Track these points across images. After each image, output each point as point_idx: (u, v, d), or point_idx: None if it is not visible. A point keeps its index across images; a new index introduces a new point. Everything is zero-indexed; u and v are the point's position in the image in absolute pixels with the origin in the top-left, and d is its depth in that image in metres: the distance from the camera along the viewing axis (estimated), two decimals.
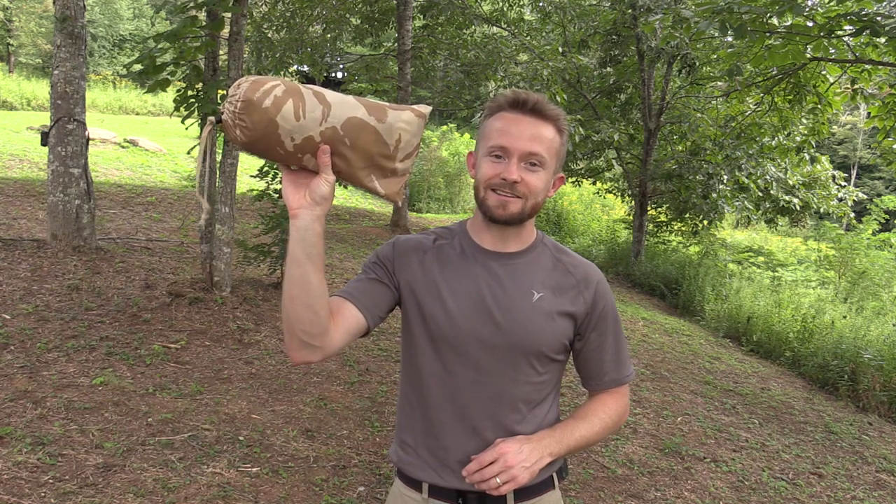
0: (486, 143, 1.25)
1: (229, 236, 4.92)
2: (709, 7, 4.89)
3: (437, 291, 1.28)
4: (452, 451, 1.28)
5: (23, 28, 27.43)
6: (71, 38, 5.18)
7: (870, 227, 10.75)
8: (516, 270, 1.29)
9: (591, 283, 1.32)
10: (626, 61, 10.90)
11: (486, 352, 1.26)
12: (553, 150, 1.24)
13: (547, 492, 1.34)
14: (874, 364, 5.64)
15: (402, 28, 9.85)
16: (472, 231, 1.34)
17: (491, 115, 1.27)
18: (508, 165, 1.21)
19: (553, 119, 1.24)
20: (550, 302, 1.28)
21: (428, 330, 1.28)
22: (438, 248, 1.33)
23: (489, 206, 1.24)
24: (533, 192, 1.23)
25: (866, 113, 8.92)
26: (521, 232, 1.31)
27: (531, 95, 1.23)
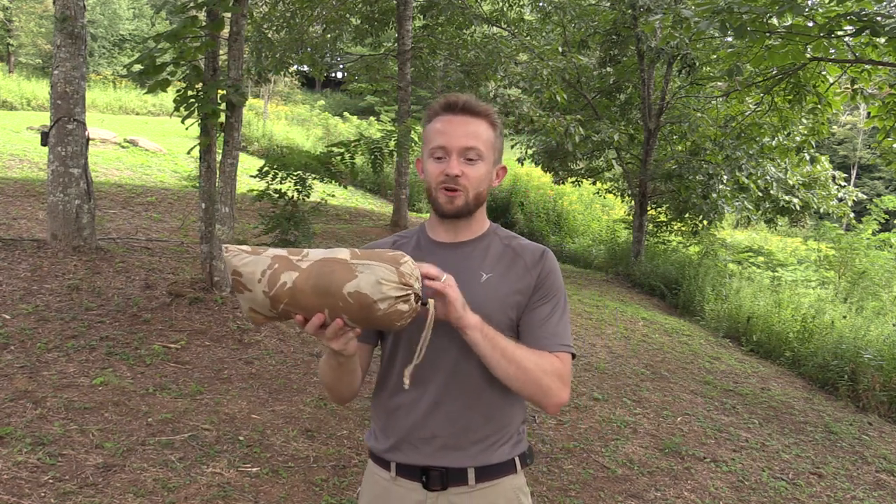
0: (428, 146, 1.36)
1: (229, 236, 4.92)
2: (709, 7, 4.89)
3: None
4: (417, 430, 1.36)
5: (23, 28, 27.42)
6: (71, 38, 5.18)
7: (870, 227, 10.74)
8: (466, 257, 1.39)
9: (538, 265, 1.39)
10: (626, 61, 10.89)
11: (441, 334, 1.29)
12: (489, 143, 1.35)
13: (508, 475, 1.38)
14: (874, 364, 5.64)
15: (402, 28, 9.85)
16: (429, 228, 1.46)
17: (429, 121, 1.38)
18: (449, 162, 1.32)
19: (484, 115, 1.35)
20: (498, 281, 1.37)
21: None
22: (399, 248, 1.44)
23: (439, 203, 1.35)
24: (474, 183, 1.34)
25: (866, 113, 8.92)
26: (472, 223, 1.41)
27: (461, 96, 1.34)
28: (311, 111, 26.80)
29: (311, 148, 18.21)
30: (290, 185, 5.39)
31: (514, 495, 1.39)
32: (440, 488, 1.35)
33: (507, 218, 16.19)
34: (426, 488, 1.35)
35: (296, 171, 5.39)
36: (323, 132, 22.78)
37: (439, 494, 1.35)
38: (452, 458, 1.35)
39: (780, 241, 16.14)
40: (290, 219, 5.36)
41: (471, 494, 1.35)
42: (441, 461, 1.35)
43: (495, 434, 1.37)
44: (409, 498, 1.37)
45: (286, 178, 5.39)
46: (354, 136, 18.85)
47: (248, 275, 1.17)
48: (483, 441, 1.36)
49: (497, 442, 1.38)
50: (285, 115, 25.76)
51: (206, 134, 4.98)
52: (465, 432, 1.35)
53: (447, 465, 1.35)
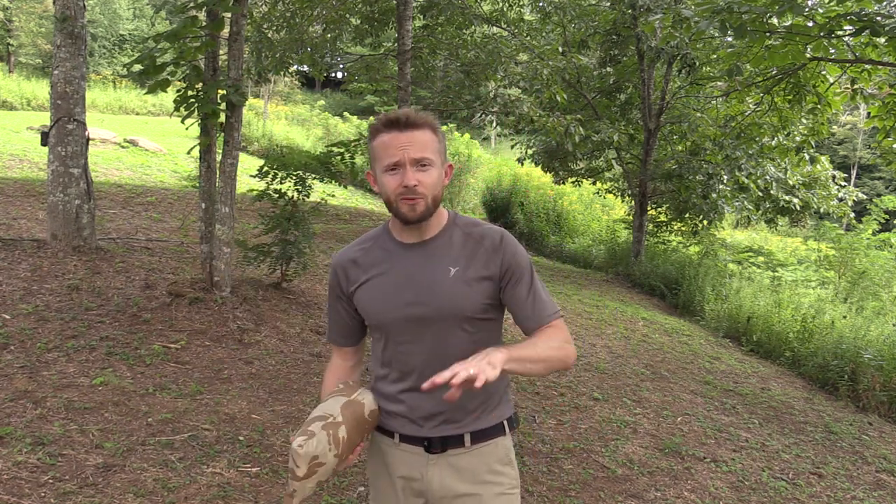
0: (381, 163, 1.45)
1: (229, 236, 4.92)
2: (709, 7, 4.89)
3: (372, 289, 1.53)
4: (417, 410, 1.52)
5: (23, 28, 27.42)
6: (71, 38, 5.18)
7: (870, 227, 10.73)
8: (433, 255, 1.51)
9: (499, 247, 1.51)
10: (626, 61, 10.89)
11: (421, 327, 1.48)
12: (435, 149, 1.45)
13: (499, 436, 1.56)
14: (874, 364, 5.64)
15: (402, 28, 9.85)
16: (394, 230, 1.56)
17: (374, 138, 1.47)
18: (405, 174, 1.41)
19: (426, 124, 1.44)
20: (465, 272, 1.49)
21: (372, 320, 1.55)
22: (365, 254, 1.57)
23: (402, 213, 1.45)
24: (430, 188, 1.44)
25: (866, 113, 8.92)
26: (432, 222, 1.51)
27: (400, 112, 1.44)
28: (311, 111, 26.79)
29: (311, 148, 18.22)
30: (290, 185, 5.39)
31: (504, 453, 1.57)
32: (440, 451, 1.52)
33: (507, 218, 16.19)
34: (427, 452, 1.52)
35: (296, 171, 5.39)
36: (323, 132, 22.78)
37: (439, 456, 1.52)
38: (450, 429, 1.52)
39: (780, 241, 16.14)
40: (290, 219, 5.36)
41: (468, 454, 1.52)
42: (440, 433, 1.52)
43: (485, 403, 1.54)
44: (412, 460, 1.54)
45: (286, 178, 5.39)
46: (354, 136, 18.87)
47: (322, 453, 1.39)
48: (476, 411, 1.53)
49: (487, 409, 1.54)
50: (285, 115, 25.76)
51: (206, 134, 4.98)
52: (461, 408, 1.50)
53: (446, 435, 1.52)
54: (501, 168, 18.54)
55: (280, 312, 5.11)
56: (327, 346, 4.77)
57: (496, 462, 1.55)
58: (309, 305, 5.47)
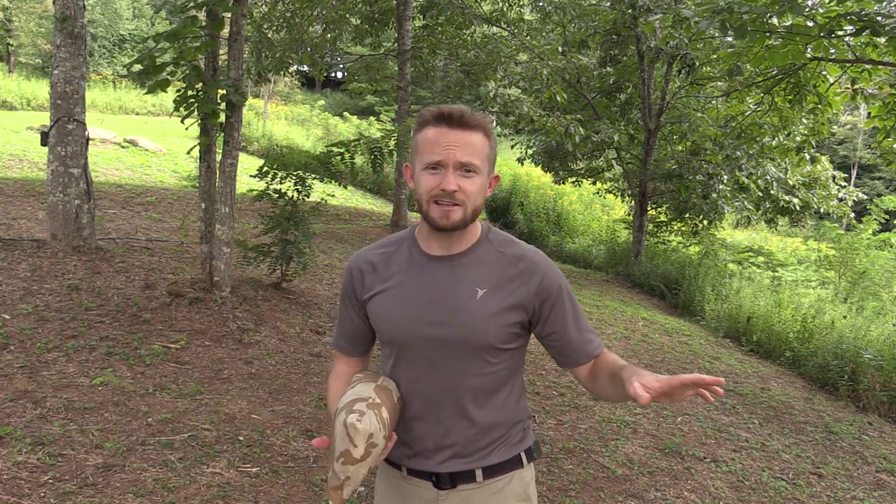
0: (422, 158, 1.31)
1: (229, 236, 4.92)
2: (709, 7, 4.89)
3: (388, 300, 1.40)
4: (424, 441, 1.40)
5: (23, 28, 27.42)
6: (71, 38, 5.17)
7: (870, 227, 10.74)
8: (460, 271, 1.37)
9: (536, 272, 1.37)
10: (626, 61, 10.89)
11: (437, 350, 1.35)
12: (484, 156, 1.32)
13: (515, 469, 1.42)
14: (874, 364, 5.64)
15: (402, 28, 9.85)
16: (420, 238, 1.42)
17: (420, 130, 1.34)
18: (445, 176, 1.28)
19: (479, 126, 1.31)
20: (493, 296, 1.35)
21: (384, 335, 1.42)
22: (386, 260, 1.43)
23: (433, 217, 1.31)
24: (471, 197, 1.31)
25: (866, 113, 8.92)
26: (465, 234, 1.37)
27: (454, 108, 1.30)
28: (311, 111, 26.80)
29: (311, 148, 18.22)
30: (289, 185, 5.39)
31: (522, 489, 1.44)
32: (450, 487, 1.40)
33: (507, 218, 16.19)
34: (437, 487, 1.40)
35: (296, 171, 5.39)
36: (323, 132, 22.78)
37: (450, 492, 1.40)
38: (460, 464, 1.39)
39: (780, 241, 16.14)
40: (289, 219, 5.36)
41: (480, 489, 1.40)
42: (449, 468, 1.39)
43: (499, 439, 1.41)
44: (421, 495, 1.42)
45: (286, 178, 5.39)
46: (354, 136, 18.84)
47: (375, 432, 1.26)
48: (488, 447, 1.40)
49: (501, 444, 1.41)
50: (285, 115, 25.76)
51: (206, 134, 4.98)
52: (471, 443, 1.39)
53: (455, 471, 1.39)
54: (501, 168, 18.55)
55: (280, 312, 5.11)
56: (327, 347, 4.76)
57: (512, 498, 1.42)
58: (309, 305, 5.46)
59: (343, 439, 1.25)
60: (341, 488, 1.28)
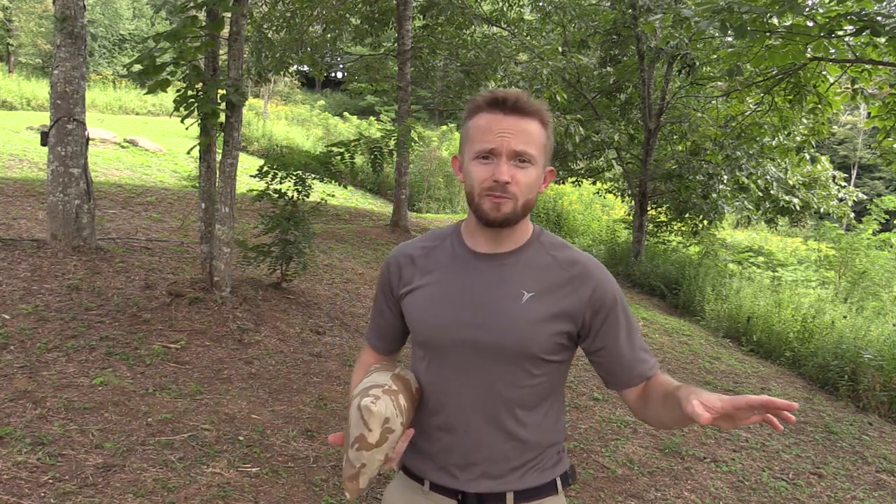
0: (472, 147, 1.22)
1: (229, 236, 4.92)
2: (709, 7, 4.89)
3: (426, 298, 1.30)
4: (450, 454, 1.28)
5: (23, 28, 27.42)
6: (71, 37, 5.17)
7: (870, 227, 10.75)
8: (506, 272, 1.27)
9: (589, 279, 1.26)
10: (626, 61, 10.89)
11: (477, 356, 1.24)
12: (540, 145, 1.22)
13: (549, 496, 1.31)
14: (874, 364, 5.64)
15: (402, 28, 9.85)
16: (466, 233, 1.32)
17: (472, 117, 1.24)
18: (498, 166, 1.19)
19: (536, 113, 1.22)
20: (541, 302, 1.24)
21: (419, 335, 1.32)
22: (427, 254, 1.34)
23: (484, 210, 1.21)
24: (524, 190, 1.21)
25: (866, 113, 8.92)
26: (515, 232, 1.28)
27: (510, 93, 1.20)
28: (311, 111, 26.80)
29: (311, 148, 18.22)
30: (289, 185, 5.39)
31: None
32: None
33: None
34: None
35: (296, 171, 5.39)
36: (323, 132, 22.78)
37: None
38: (490, 485, 1.28)
39: (780, 241, 16.14)
40: (289, 219, 5.36)
41: None
42: (478, 488, 1.28)
43: (534, 460, 1.30)
44: None
45: (286, 178, 5.39)
46: (354, 136, 18.81)
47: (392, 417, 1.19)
48: (522, 468, 1.29)
49: (536, 467, 1.30)
50: (285, 115, 25.76)
51: (205, 134, 4.98)
52: (505, 461, 1.27)
53: (484, 492, 1.28)
54: None
55: (280, 312, 5.11)
56: (327, 346, 4.76)
57: None
58: (309, 305, 5.47)
59: (358, 423, 1.17)
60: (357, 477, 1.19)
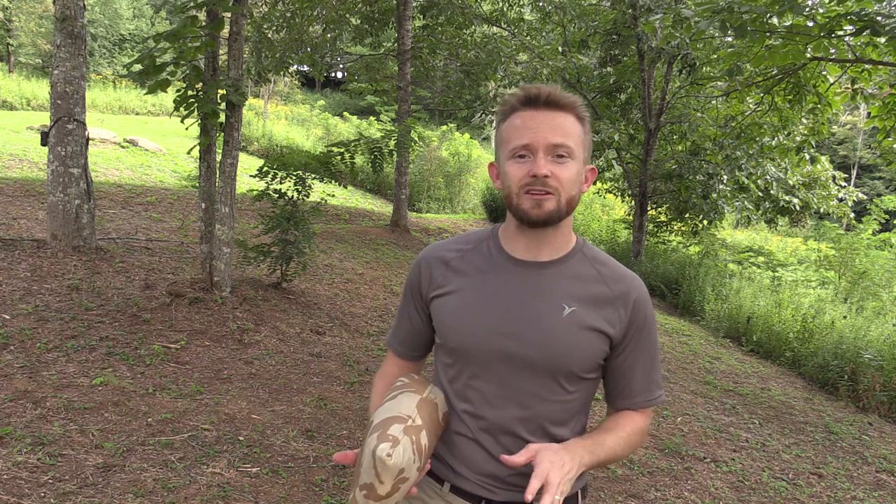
0: (507, 147, 1.17)
1: (229, 236, 4.92)
2: (709, 7, 4.89)
3: (459, 303, 1.23)
4: (472, 465, 1.24)
5: (23, 28, 27.43)
6: (71, 37, 5.17)
7: (870, 227, 10.75)
8: (547, 282, 1.20)
9: (630, 299, 1.22)
10: (626, 61, 10.90)
11: (511, 368, 1.19)
12: (578, 139, 1.17)
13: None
14: (874, 364, 5.64)
15: (402, 28, 9.85)
16: (504, 238, 1.26)
17: (505, 119, 1.20)
18: (535, 161, 1.13)
19: (571, 107, 1.17)
20: (583, 317, 1.18)
21: (449, 343, 1.24)
22: (462, 257, 1.27)
23: (524, 209, 1.15)
24: (565, 185, 1.14)
25: (866, 113, 8.92)
26: (557, 237, 1.22)
27: (542, 88, 1.16)
28: (311, 111, 26.81)
29: (311, 148, 18.22)
30: (289, 185, 5.40)
31: None
32: None
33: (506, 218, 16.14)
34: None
35: (295, 171, 5.39)
36: (323, 132, 22.78)
37: None
38: (516, 495, 1.23)
39: (780, 241, 16.14)
40: (289, 219, 5.36)
41: None
42: (503, 497, 1.23)
43: None
44: None
45: (286, 178, 5.39)
46: (354, 136, 18.86)
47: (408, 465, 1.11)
48: None
49: None
50: (285, 115, 25.78)
51: (205, 134, 4.98)
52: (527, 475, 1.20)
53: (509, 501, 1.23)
54: None
55: (280, 312, 5.11)
56: (327, 346, 4.76)
57: None
58: (309, 305, 5.47)
59: (369, 471, 1.10)
60: None
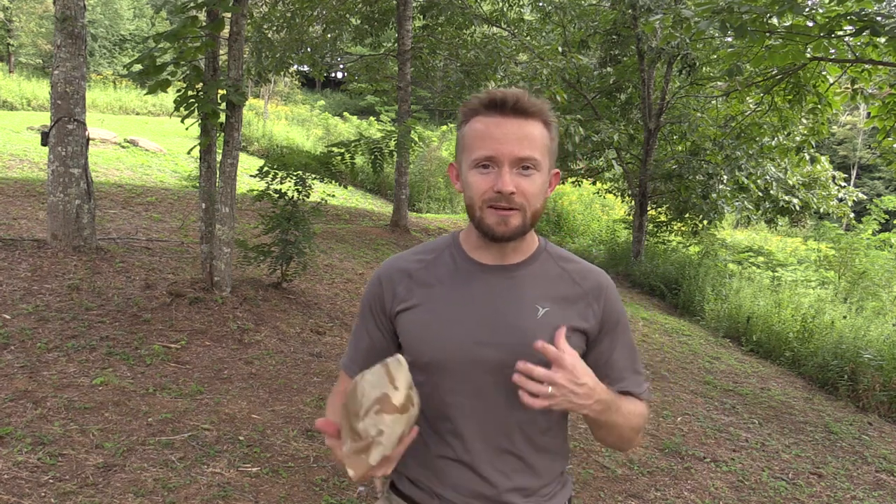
0: (470, 155, 1.12)
1: (229, 236, 4.92)
2: (709, 7, 4.89)
3: (428, 316, 1.17)
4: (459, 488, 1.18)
5: (23, 28, 27.43)
6: (71, 38, 5.17)
7: (870, 227, 10.75)
8: (517, 284, 1.17)
9: (601, 294, 1.20)
10: (626, 61, 10.90)
11: (487, 376, 1.14)
12: (545, 148, 1.12)
13: None
14: (874, 364, 5.64)
15: (402, 28, 9.85)
16: (467, 245, 1.21)
17: (468, 121, 1.14)
18: (500, 175, 1.08)
19: (538, 114, 1.12)
20: (557, 316, 1.15)
21: (422, 358, 1.17)
22: (425, 268, 1.21)
23: (488, 225, 1.11)
24: (531, 199, 1.11)
25: (866, 113, 8.93)
26: (522, 243, 1.19)
27: (509, 93, 1.10)
28: (311, 111, 26.82)
29: (311, 148, 18.22)
30: (290, 185, 5.40)
31: None
32: None
33: None
34: None
35: (296, 171, 5.40)
36: (323, 132, 22.79)
37: None
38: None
39: (780, 241, 16.14)
40: (290, 219, 5.36)
41: None
42: None
43: (546, 486, 1.23)
44: None
45: (286, 178, 5.40)
46: (354, 136, 18.85)
47: (412, 387, 1.03)
48: (535, 494, 1.21)
49: (548, 494, 1.23)
50: (285, 115, 25.78)
51: (206, 134, 4.98)
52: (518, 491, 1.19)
53: None
54: None
55: (280, 312, 5.11)
56: (327, 346, 4.77)
57: None
58: (309, 305, 5.47)
59: (381, 381, 0.98)
60: (368, 450, 0.97)
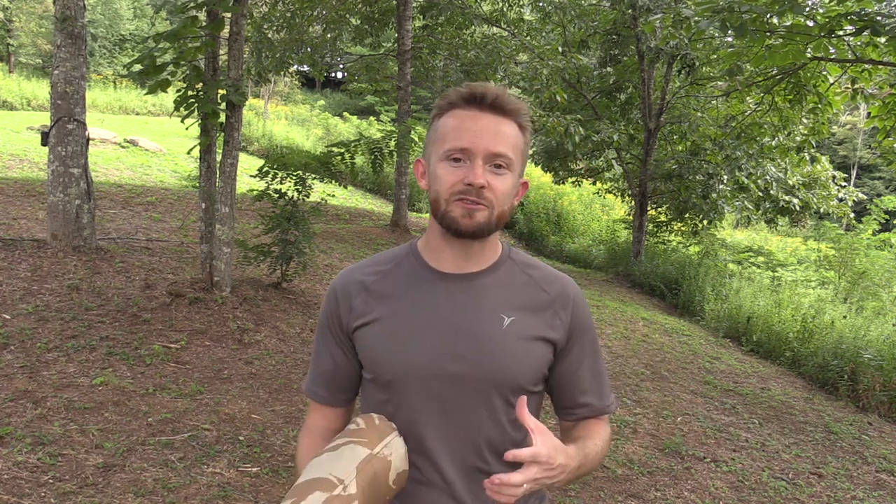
0: (441, 147, 1.06)
1: (229, 236, 4.92)
2: (709, 6, 4.89)
3: (388, 330, 1.11)
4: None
5: (23, 28, 27.43)
6: (71, 38, 5.17)
7: (870, 227, 10.75)
8: (481, 292, 1.11)
9: (568, 302, 1.14)
10: (626, 61, 10.90)
11: (453, 390, 1.07)
12: (518, 150, 1.08)
13: None
14: (874, 364, 5.64)
15: (401, 28, 9.85)
16: (426, 252, 1.15)
17: (442, 114, 1.09)
18: (472, 168, 1.03)
19: (515, 114, 1.07)
20: (524, 325, 1.10)
21: (383, 375, 1.11)
22: (382, 279, 1.15)
23: (453, 217, 1.05)
24: (500, 198, 1.05)
25: (866, 113, 8.93)
26: (485, 248, 1.12)
27: (489, 88, 1.06)
28: (311, 111, 26.83)
29: (311, 148, 18.22)
30: (290, 185, 5.40)
31: None
32: None
33: None
34: None
35: (296, 171, 5.40)
36: (323, 132, 22.79)
37: None
38: None
39: (780, 241, 16.14)
40: (290, 219, 5.36)
41: None
42: None
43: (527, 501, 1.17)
44: None
45: (286, 178, 5.40)
46: (354, 136, 18.85)
47: None
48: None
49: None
50: (285, 115, 25.78)
51: (206, 134, 4.98)
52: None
53: None
54: None
55: (280, 312, 5.11)
56: None
57: None
58: (309, 305, 5.47)
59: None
60: None
